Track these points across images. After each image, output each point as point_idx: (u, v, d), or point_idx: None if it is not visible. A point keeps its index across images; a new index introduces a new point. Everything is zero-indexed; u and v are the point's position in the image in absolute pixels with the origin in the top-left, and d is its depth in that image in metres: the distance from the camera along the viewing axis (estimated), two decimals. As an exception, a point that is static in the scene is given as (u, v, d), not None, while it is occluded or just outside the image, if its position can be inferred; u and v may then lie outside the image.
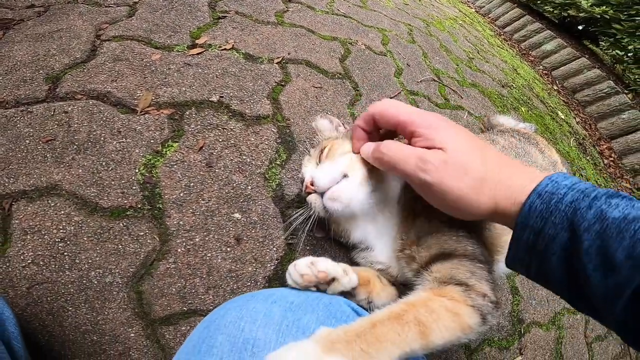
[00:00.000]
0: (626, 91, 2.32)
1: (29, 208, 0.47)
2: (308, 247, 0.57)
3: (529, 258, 0.36)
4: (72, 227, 0.47)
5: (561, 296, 0.36)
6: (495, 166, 0.37)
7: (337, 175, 0.45)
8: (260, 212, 0.57)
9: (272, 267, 0.54)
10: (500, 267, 0.74)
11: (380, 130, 0.46)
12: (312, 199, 0.46)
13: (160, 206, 0.52)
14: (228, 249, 0.52)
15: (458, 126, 0.39)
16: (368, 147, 0.43)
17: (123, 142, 0.56)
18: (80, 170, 0.52)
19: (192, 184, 0.55)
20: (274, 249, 0.55)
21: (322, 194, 0.45)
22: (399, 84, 1.09)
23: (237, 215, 0.55)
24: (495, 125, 1.14)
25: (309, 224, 0.47)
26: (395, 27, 1.47)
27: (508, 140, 0.93)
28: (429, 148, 0.37)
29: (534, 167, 0.88)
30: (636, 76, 2.44)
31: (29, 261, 0.45)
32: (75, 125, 0.56)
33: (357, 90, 0.94)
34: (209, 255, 0.51)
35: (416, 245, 0.44)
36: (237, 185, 0.58)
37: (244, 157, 0.62)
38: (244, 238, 0.54)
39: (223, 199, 0.56)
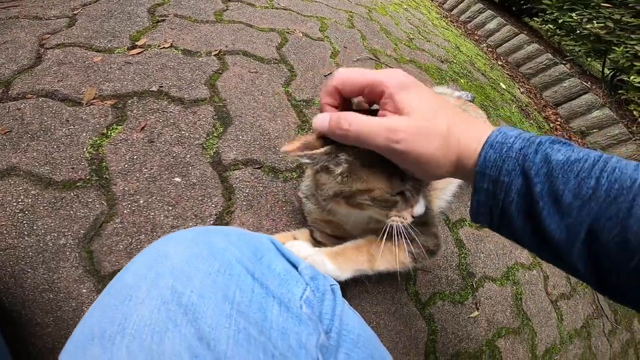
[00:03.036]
0: (564, 61, 2.52)
1: (-9, 188, 0.55)
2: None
3: (490, 208, 0.37)
4: (30, 200, 0.55)
5: (526, 246, 0.38)
6: (455, 123, 0.37)
7: None
8: (199, 175, 0.66)
9: (211, 222, 0.63)
10: (435, 203, 0.86)
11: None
12: None
13: (107, 177, 0.60)
14: (170, 208, 0.61)
15: (420, 85, 0.39)
16: (323, 119, 0.39)
17: (71, 128, 0.64)
18: (35, 154, 0.60)
19: (135, 157, 0.64)
20: (213, 205, 0.65)
21: None
22: (334, 64, 1.20)
23: (177, 179, 0.64)
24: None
25: None
26: (335, 15, 1.58)
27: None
28: (395, 111, 0.36)
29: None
30: (570, 47, 2.64)
31: (-8, 231, 0.52)
32: (28, 118, 0.64)
33: (293, 72, 1.04)
34: (153, 214, 0.60)
35: None
36: (176, 155, 0.67)
37: (182, 133, 0.71)
38: (185, 198, 0.63)
39: (164, 166, 0.65)
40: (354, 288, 0.68)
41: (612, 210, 0.30)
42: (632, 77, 2.08)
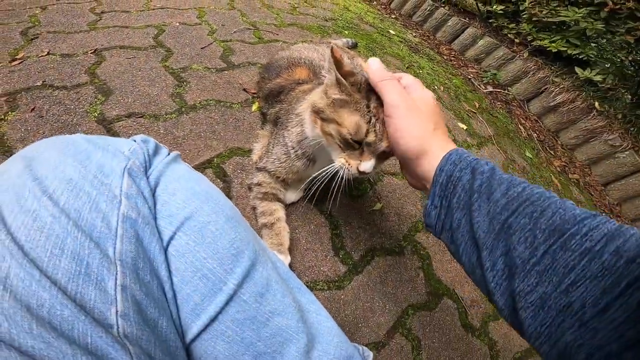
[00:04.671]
0: (442, 4, 2.83)
1: None
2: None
3: (441, 201, 0.45)
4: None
5: (460, 251, 0.43)
6: (441, 131, 0.50)
7: None
8: (86, 130, 0.84)
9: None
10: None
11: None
12: None
13: (9, 145, 0.78)
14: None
15: (413, 106, 0.50)
16: (376, 63, 0.55)
17: (-28, 123, 0.81)
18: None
19: (29, 128, 0.81)
20: (104, 146, 0.83)
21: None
22: (211, 39, 1.40)
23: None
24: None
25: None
26: (215, 3, 1.73)
27: (324, 49, 1.25)
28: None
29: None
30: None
31: None
32: None
33: (169, 51, 1.23)
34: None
35: None
36: (65, 120, 0.85)
37: (68, 106, 0.89)
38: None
39: (55, 130, 0.82)
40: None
41: (528, 210, 0.36)
42: (494, 7, 2.40)
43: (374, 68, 0.55)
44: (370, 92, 0.57)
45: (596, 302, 0.29)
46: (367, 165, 0.58)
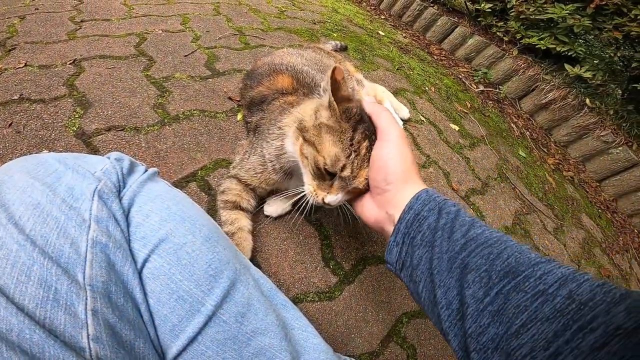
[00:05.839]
0: (431, 4, 2.83)
1: None
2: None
3: (403, 238, 0.45)
4: None
5: (420, 289, 0.43)
6: (414, 175, 0.50)
7: None
8: (65, 145, 0.81)
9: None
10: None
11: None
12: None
13: (-18, 164, 0.75)
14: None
15: (404, 136, 0.53)
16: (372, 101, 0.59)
17: (-56, 143, 0.78)
18: None
19: (7, 145, 0.77)
20: (82, 162, 0.80)
21: None
22: (195, 46, 1.37)
23: (45, 151, 0.79)
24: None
25: None
26: (200, 9, 1.72)
27: (310, 54, 1.24)
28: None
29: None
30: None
31: None
32: None
33: (152, 60, 1.20)
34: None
35: None
36: (42, 136, 0.82)
37: (46, 121, 0.86)
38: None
39: (33, 146, 0.79)
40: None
41: (485, 251, 0.37)
42: (482, 5, 2.40)
43: (369, 100, 0.58)
44: (358, 124, 0.56)
45: (547, 346, 0.28)
46: (333, 198, 0.57)
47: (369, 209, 0.55)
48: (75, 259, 0.33)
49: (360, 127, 0.55)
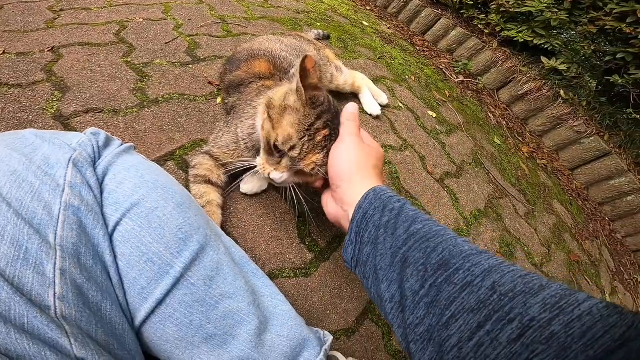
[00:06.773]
0: None
1: None
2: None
3: (356, 236, 0.46)
4: None
5: (369, 283, 0.44)
6: (371, 173, 0.52)
7: None
8: (42, 126, 0.83)
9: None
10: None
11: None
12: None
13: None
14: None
15: (362, 143, 0.56)
16: (354, 106, 0.60)
17: None
18: None
19: (-17, 127, 0.80)
20: (60, 143, 0.82)
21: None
22: (177, 34, 1.38)
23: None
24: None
25: None
26: None
27: (290, 40, 1.26)
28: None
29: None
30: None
31: None
32: None
33: (132, 47, 1.21)
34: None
35: None
36: (20, 118, 0.83)
37: (24, 104, 0.87)
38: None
39: (11, 127, 0.80)
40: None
41: (424, 245, 0.38)
42: None
43: (350, 110, 0.60)
44: (324, 113, 0.59)
45: (471, 337, 0.29)
46: (278, 175, 0.60)
47: (331, 206, 0.58)
48: (47, 221, 0.34)
49: (324, 117, 0.58)
